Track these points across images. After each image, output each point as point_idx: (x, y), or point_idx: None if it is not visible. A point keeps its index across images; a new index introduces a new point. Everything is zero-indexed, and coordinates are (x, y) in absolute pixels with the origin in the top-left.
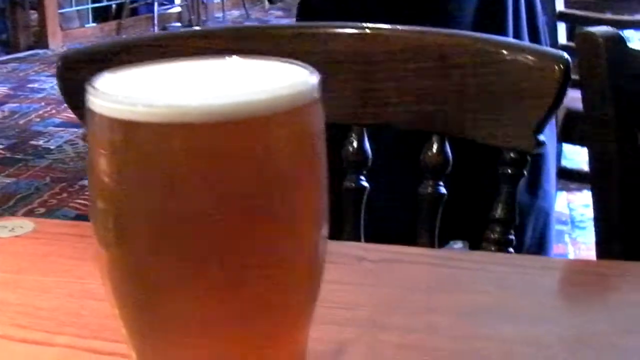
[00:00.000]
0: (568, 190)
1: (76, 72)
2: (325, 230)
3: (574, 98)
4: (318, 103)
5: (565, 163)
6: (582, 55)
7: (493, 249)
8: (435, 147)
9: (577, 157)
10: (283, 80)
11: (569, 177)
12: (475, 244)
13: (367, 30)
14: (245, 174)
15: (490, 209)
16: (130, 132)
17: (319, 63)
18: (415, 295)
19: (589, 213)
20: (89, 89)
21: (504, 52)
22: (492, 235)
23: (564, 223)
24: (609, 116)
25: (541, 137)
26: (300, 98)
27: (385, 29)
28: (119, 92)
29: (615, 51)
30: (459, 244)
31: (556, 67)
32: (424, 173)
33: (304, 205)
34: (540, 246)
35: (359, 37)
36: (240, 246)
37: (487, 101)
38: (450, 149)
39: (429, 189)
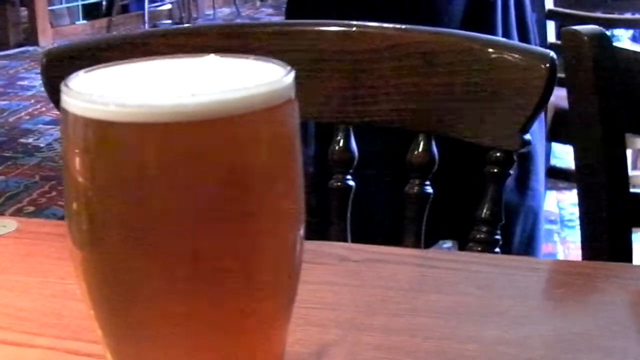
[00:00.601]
0: (557, 189)
1: (60, 69)
2: (302, 230)
3: (562, 97)
4: (293, 102)
5: (555, 162)
6: (568, 54)
7: (479, 248)
8: (421, 146)
9: (566, 156)
10: (258, 79)
11: (558, 176)
12: (464, 244)
13: (353, 29)
14: (219, 173)
15: (477, 209)
16: (103, 131)
17: (305, 61)
18: (398, 295)
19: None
20: (63, 88)
21: (490, 50)
22: (478, 235)
23: (553, 222)
24: (594, 114)
25: (527, 136)
26: (275, 97)
27: (370, 26)
28: (92, 92)
29: (600, 49)
30: (448, 244)
31: (542, 66)
32: (410, 172)
33: (281, 205)
34: (529, 245)
35: (344, 35)
36: (215, 246)
37: (473, 100)
38: (440, 147)
39: (416, 189)
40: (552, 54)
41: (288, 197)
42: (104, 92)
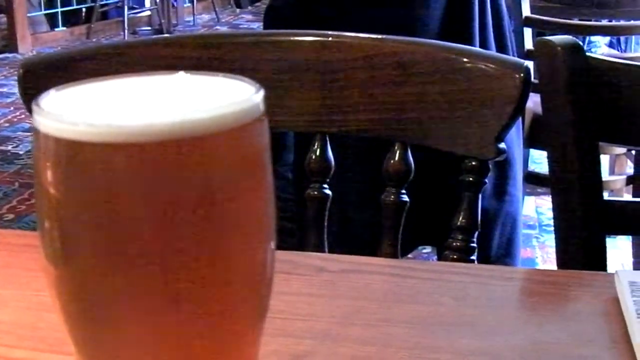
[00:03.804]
0: (536, 194)
1: (37, 80)
2: (273, 244)
3: (540, 103)
4: (263, 120)
5: (533, 167)
6: (541, 64)
7: (455, 256)
8: (397, 155)
9: (544, 161)
10: (227, 98)
11: (536, 182)
12: (442, 250)
13: (329, 38)
14: (189, 192)
15: (452, 217)
16: (73, 151)
17: (281, 71)
18: (373, 306)
19: None
20: (34, 107)
21: (465, 60)
22: (454, 243)
23: (532, 227)
24: (567, 122)
25: (502, 145)
26: (244, 116)
27: (346, 36)
28: (62, 111)
29: (574, 59)
30: (427, 249)
31: (517, 76)
32: (386, 181)
33: (251, 221)
34: (507, 250)
35: (320, 45)
36: (186, 263)
37: (448, 109)
38: (418, 154)
39: (392, 197)
40: (526, 63)
41: (259, 213)
42: (74, 111)
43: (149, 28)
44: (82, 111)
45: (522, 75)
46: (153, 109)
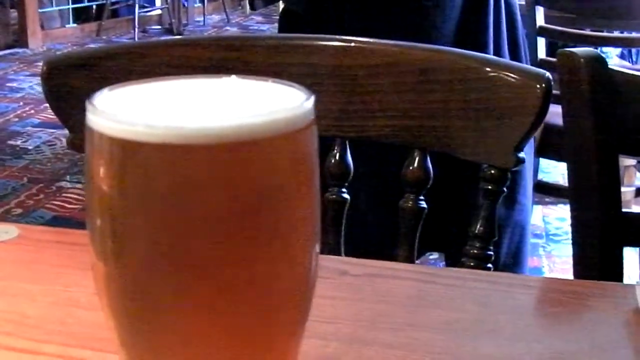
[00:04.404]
0: (543, 203)
1: (61, 77)
2: (318, 247)
3: (551, 113)
4: (313, 125)
5: (542, 177)
6: (563, 76)
7: (472, 264)
8: (416, 162)
9: (553, 170)
10: (280, 103)
11: (545, 191)
12: (450, 256)
13: (352, 44)
14: (242, 194)
15: (470, 225)
16: (129, 151)
17: (302, 75)
18: (396, 310)
19: (564, 227)
20: (88, 106)
21: (487, 69)
22: (471, 251)
23: (539, 236)
24: (589, 135)
25: (521, 155)
26: (297, 121)
27: (369, 42)
28: (119, 111)
29: (596, 72)
30: (434, 255)
31: (538, 86)
32: (405, 187)
33: (300, 224)
34: (515, 259)
35: (342, 50)
36: (236, 264)
37: (468, 117)
38: (431, 162)
39: (410, 203)
40: (547, 74)
41: (307, 217)
42: (131, 111)
43: (159, 27)
44: (137, 112)
45: (543, 85)
46: (208, 112)
